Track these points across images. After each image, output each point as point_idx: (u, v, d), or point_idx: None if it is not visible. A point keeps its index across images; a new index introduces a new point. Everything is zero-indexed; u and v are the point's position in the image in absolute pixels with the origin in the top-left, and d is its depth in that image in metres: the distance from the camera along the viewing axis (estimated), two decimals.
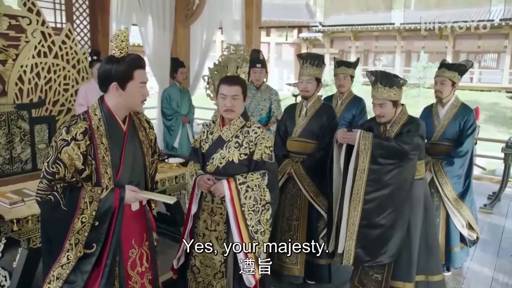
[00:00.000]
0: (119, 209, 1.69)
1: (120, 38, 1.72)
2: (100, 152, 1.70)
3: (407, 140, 2.48)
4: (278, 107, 4.05)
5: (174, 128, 5.21)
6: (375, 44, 23.91)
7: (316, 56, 3.02)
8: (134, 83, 1.73)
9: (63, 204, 1.62)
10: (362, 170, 2.48)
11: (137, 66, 1.72)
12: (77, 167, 1.67)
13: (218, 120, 2.37)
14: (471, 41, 20.75)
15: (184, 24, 5.72)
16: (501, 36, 20.46)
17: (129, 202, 1.76)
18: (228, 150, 2.26)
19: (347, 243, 2.53)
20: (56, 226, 1.67)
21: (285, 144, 3.10)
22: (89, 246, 1.66)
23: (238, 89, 2.22)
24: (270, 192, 2.24)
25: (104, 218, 1.67)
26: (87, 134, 1.68)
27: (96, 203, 1.64)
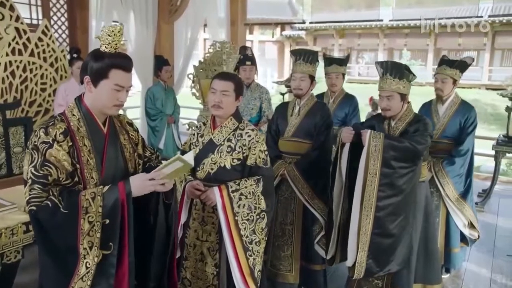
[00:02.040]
0: (128, 202, 1.50)
1: (115, 33, 1.55)
2: (84, 154, 1.54)
3: (420, 140, 2.35)
4: (269, 106, 3.89)
5: (159, 129, 5.02)
6: (358, 42, 24.00)
7: (310, 52, 2.88)
8: (107, 83, 1.54)
9: (63, 207, 1.44)
10: (373, 173, 2.32)
11: (116, 65, 1.53)
12: (67, 169, 1.50)
13: (209, 122, 2.20)
14: (452, 39, 20.97)
15: (168, 20, 5.52)
16: (480, 34, 20.75)
17: (139, 191, 1.53)
18: (220, 154, 2.10)
19: (359, 254, 2.35)
20: (61, 232, 1.46)
21: (277, 145, 2.95)
22: (106, 247, 1.47)
23: (230, 85, 2.07)
24: (265, 200, 2.09)
25: (114, 214, 1.47)
26: (68, 135, 1.52)
27: (100, 198, 1.46)
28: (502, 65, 21.82)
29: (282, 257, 2.89)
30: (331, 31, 23.68)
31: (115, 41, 1.55)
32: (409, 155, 2.33)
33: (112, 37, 1.54)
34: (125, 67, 1.56)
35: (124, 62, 1.56)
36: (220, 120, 2.14)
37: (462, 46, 21.38)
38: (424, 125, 2.44)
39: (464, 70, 3.16)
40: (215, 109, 2.09)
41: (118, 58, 1.55)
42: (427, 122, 2.49)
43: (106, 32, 1.54)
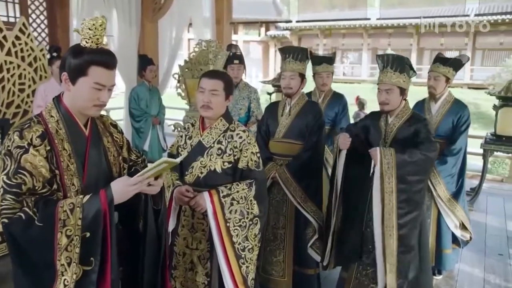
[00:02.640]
0: (111, 212, 1.37)
1: (96, 27, 1.41)
2: (64, 159, 1.41)
3: (430, 147, 2.30)
4: (257, 106, 3.79)
5: (144, 130, 4.87)
6: (342, 41, 24.14)
7: (299, 49, 2.79)
8: (86, 81, 1.41)
9: (38, 220, 1.30)
10: (389, 192, 2.25)
11: (95, 62, 1.40)
12: (44, 176, 1.36)
13: (198, 123, 2.09)
14: (434, 38, 21.25)
15: (152, 19, 5.37)
16: (462, 34, 21.07)
17: (121, 197, 1.39)
18: (210, 157, 1.99)
19: (388, 276, 2.26)
20: (36, 247, 1.33)
21: (268, 146, 2.85)
22: (86, 262, 1.34)
23: (219, 84, 1.96)
24: (258, 204, 1.99)
25: (95, 226, 1.34)
26: (46, 139, 1.39)
27: (79, 209, 1.32)
28: (483, 65, 22.21)
29: (274, 262, 2.79)
30: (316, 31, 23.75)
31: (97, 35, 1.42)
32: (423, 166, 2.29)
33: (93, 31, 1.41)
34: (106, 63, 1.42)
35: (105, 58, 1.42)
36: (210, 121, 2.04)
37: (444, 46, 21.66)
38: (425, 126, 2.38)
39: (458, 68, 3.11)
40: (204, 110, 1.98)
41: (98, 54, 1.41)
42: (427, 122, 2.44)
43: (87, 25, 1.41)
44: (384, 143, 2.49)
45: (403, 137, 2.43)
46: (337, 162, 2.47)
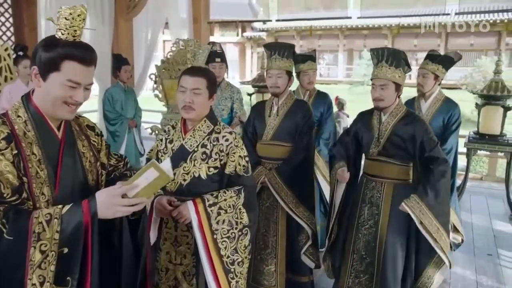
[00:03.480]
0: (93, 226, 1.20)
1: (74, 17, 1.23)
2: (32, 165, 1.22)
3: (440, 155, 2.23)
4: (240, 107, 3.61)
5: (119, 134, 4.62)
6: (318, 43, 24.24)
7: (286, 46, 2.64)
8: (58, 77, 1.23)
9: (7, 232, 1.12)
10: (435, 230, 2.21)
11: (70, 56, 1.22)
12: (12, 183, 1.18)
13: (179, 125, 1.90)
14: (408, 40, 21.60)
15: (126, 17, 5.12)
16: (434, 35, 21.51)
17: (107, 212, 1.21)
18: (194, 163, 1.81)
19: None
20: (4, 263, 1.14)
21: (255, 149, 2.68)
22: (62, 282, 1.16)
23: (202, 82, 1.78)
24: (248, 213, 1.82)
25: (75, 241, 1.17)
26: (12, 141, 1.20)
27: (58, 221, 1.16)
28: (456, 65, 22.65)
29: (266, 271, 2.63)
30: (292, 32, 23.76)
31: (74, 26, 1.23)
32: (447, 186, 2.27)
33: (70, 22, 1.22)
34: (82, 58, 1.24)
35: (82, 53, 1.24)
36: (192, 123, 1.86)
37: (417, 47, 22.07)
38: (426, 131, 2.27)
39: (448, 66, 3.04)
40: (185, 111, 1.79)
41: (74, 47, 1.23)
42: (427, 126, 2.33)
43: (63, 14, 1.22)
44: (377, 142, 2.36)
45: (398, 136, 2.31)
46: (335, 193, 2.42)
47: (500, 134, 4.67)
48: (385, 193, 2.35)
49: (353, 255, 2.45)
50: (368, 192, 2.40)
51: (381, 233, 2.33)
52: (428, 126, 2.34)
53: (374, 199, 2.38)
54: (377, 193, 2.38)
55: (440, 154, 2.25)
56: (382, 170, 2.37)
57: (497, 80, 4.63)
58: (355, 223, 2.44)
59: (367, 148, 2.42)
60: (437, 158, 2.22)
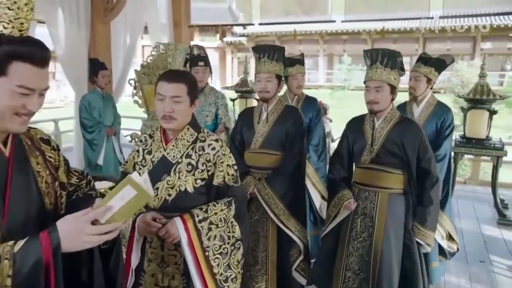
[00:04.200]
0: (56, 263, 0.98)
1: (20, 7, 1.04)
2: None
3: (432, 177, 2.19)
4: (225, 113, 3.45)
5: (97, 142, 4.39)
6: (299, 48, 24.31)
7: (275, 48, 2.50)
8: (5, 82, 1.01)
9: None
10: None
11: (19, 55, 1.00)
12: None
13: (159, 134, 1.73)
14: (387, 44, 21.83)
15: (103, 20, 4.90)
16: (412, 40, 21.87)
17: (72, 244, 1.00)
18: (178, 175, 1.65)
19: None
20: None
21: (243, 158, 2.53)
22: None
23: (182, 88, 1.62)
24: (240, 225, 1.68)
25: (33, 286, 0.95)
26: None
27: (9, 263, 0.93)
28: None
29: None
30: (273, 37, 23.77)
31: (20, 18, 1.04)
32: (438, 198, 2.30)
33: (14, 12, 1.03)
34: (34, 58, 1.02)
35: (34, 51, 1.02)
36: (174, 132, 1.69)
37: None
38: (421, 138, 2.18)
39: (441, 69, 2.96)
40: (166, 121, 1.63)
41: (23, 44, 1.01)
42: (422, 133, 2.23)
43: (5, 3, 1.02)
44: (370, 149, 2.25)
45: (393, 142, 2.20)
46: (336, 219, 2.32)
47: (486, 138, 4.66)
48: (379, 203, 2.23)
49: (345, 272, 2.32)
50: (361, 203, 2.28)
51: (376, 246, 2.21)
52: (424, 133, 2.24)
53: (368, 210, 2.26)
54: (370, 204, 2.26)
55: (431, 167, 2.19)
56: (375, 179, 2.25)
57: (482, 84, 4.62)
58: (347, 236, 2.31)
59: (359, 155, 2.30)
60: (428, 172, 2.18)
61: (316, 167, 3.08)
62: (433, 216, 2.23)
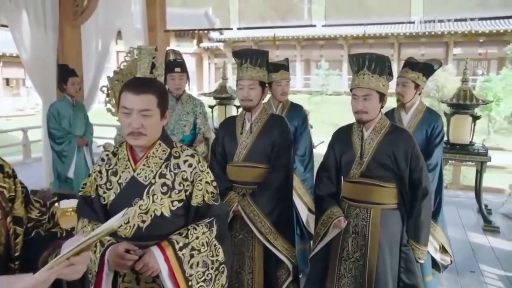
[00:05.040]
0: None
1: None
2: None
3: (423, 190, 2.05)
4: (204, 122, 3.24)
5: (67, 154, 4.12)
6: (276, 53, 24.31)
7: (259, 53, 2.31)
8: None
9: None
10: None
11: None
12: None
13: (125, 151, 1.52)
14: (363, 49, 22.07)
15: (73, 23, 4.62)
16: (388, 45, 22.19)
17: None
18: (153, 198, 1.44)
19: None
20: None
21: (225, 172, 2.33)
22: None
23: (151, 99, 1.41)
24: (223, 246, 1.51)
25: None
26: None
27: None
28: None
29: None
30: (249, 42, 23.68)
31: None
32: (429, 211, 2.17)
33: None
34: None
35: None
36: (143, 149, 1.48)
37: None
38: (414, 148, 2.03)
39: (429, 74, 2.85)
40: (133, 138, 1.42)
41: None
42: (415, 143, 2.07)
43: None
44: (360, 161, 2.08)
45: (384, 154, 2.04)
46: (325, 238, 2.14)
47: (470, 143, 4.60)
48: (371, 221, 2.06)
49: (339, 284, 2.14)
50: (352, 220, 2.10)
51: (370, 267, 2.05)
52: (416, 143, 2.10)
53: (359, 228, 2.09)
54: (362, 222, 2.09)
55: (423, 178, 2.05)
56: (366, 194, 2.09)
57: (465, 89, 4.57)
58: (338, 256, 2.14)
59: (348, 169, 2.13)
60: (419, 183, 2.04)
61: (303, 179, 2.91)
62: (425, 229, 2.09)
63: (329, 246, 2.15)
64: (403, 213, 2.08)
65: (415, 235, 2.05)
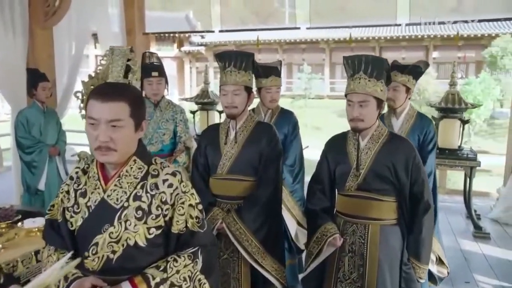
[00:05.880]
0: None
1: None
2: None
3: (425, 204, 1.87)
4: (185, 130, 3.02)
5: (38, 164, 3.84)
6: (258, 57, 24.17)
7: (244, 55, 2.13)
8: None
9: None
10: None
11: None
12: None
13: (95, 169, 1.31)
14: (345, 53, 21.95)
15: (44, 25, 4.34)
16: (369, 49, 22.34)
17: None
18: (125, 225, 1.23)
19: None
20: None
21: (209, 186, 2.13)
22: None
23: (122, 108, 1.21)
24: (208, 279, 1.31)
25: None
26: None
27: None
28: None
29: None
30: (231, 46, 23.51)
31: None
32: (432, 227, 1.97)
33: None
34: None
35: None
36: (115, 166, 1.28)
37: None
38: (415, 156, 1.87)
39: (418, 76, 2.74)
40: (102, 154, 1.22)
41: None
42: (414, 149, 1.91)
43: None
44: (356, 173, 1.91)
45: (383, 165, 1.87)
46: (319, 257, 1.95)
47: (459, 148, 4.50)
48: (370, 238, 1.89)
49: None
50: (348, 237, 1.93)
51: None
52: (417, 152, 1.93)
53: (357, 247, 1.91)
54: (359, 239, 1.91)
55: (424, 191, 1.87)
56: (363, 209, 1.91)
57: (453, 92, 4.47)
58: (333, 277, 1.95)
59: (343, 181, 1.95)
60: (421, 197, 1.86)
61: (292, 190, 2.72)
62: (426, 247, 1.92)
63: (323, 265, 1.97)
64: (403, 229, 1.91)
65: (416, 252, 1.88)
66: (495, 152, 9.87)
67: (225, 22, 10.81)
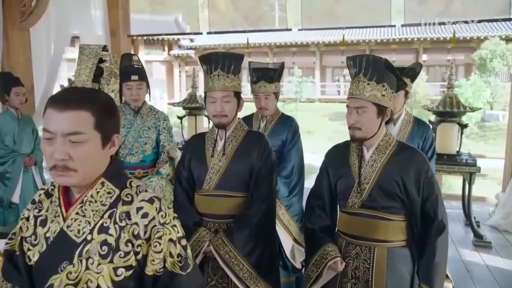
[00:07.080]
0: None
1: None
2: None
3: (439, 224, 1.65)
4: (169, 138, 2.77)
5: (11, 176, 3.57)
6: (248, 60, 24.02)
7: (232, 57, 1.90)
8: None
9: None
10: None
11: None
12: None
13: (57, 192, 1.07)
14: (335, 56, 22.16)
15: (20, 26, 4.09)
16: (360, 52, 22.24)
17: None
18: (86, 263, 0.99)
19: None
20: None
21: (193, 204, 1.90)
22: None
23: (83, 118, 0.98)
24: None
25: None
26: None
27: None
28: None
29: None
30: (221, 49, 23.31)
31: None
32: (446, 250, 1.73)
33: None
34: None
35: None
36: (79, 189, 1.04)
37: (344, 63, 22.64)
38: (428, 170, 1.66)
39: (414, 78, 2.60)
40: (57, 175, 0.99)
41: None
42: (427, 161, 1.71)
43: None
44: (359, 189, 1.69)
45: (391, 180, 1.66)
46: (319, 280, 1.72)
47: (457, 153, 4.33)
48: (376, 262, 1.67)
49: None
50: (351, 261, 1.71)
51: None
52: (429, 165, 1.72)
53: (361, 272, 1.69)
54: (364, 264, 1.69)
55: (438, 210, 1.66)
56: (368, 229, 1.69)
57: (451, 95, 4.31)
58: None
59: (345, 197, 1.74)
60: (434, 216, 1.65)
61: (287, 204, 2.49)
62: (441, 272, 1.70)
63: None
64: (413, 252, 1.70)
65: (429, 278, 1.66)
66: (488, 156, 9.76)
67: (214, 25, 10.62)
